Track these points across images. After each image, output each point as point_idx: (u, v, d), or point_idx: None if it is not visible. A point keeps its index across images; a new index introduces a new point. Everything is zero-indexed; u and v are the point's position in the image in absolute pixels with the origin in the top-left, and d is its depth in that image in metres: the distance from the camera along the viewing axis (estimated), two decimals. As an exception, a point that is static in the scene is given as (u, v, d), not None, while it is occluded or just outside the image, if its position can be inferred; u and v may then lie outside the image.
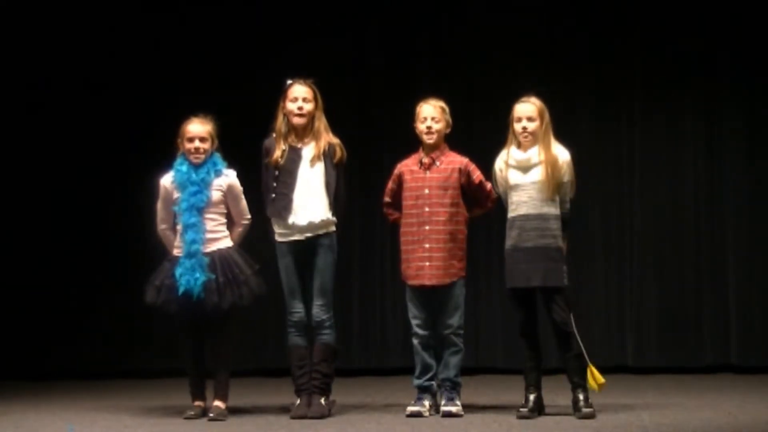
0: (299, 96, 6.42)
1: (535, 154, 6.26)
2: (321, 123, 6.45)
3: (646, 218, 8.76)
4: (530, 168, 6.26)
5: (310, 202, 6.36)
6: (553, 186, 6.24)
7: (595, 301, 8.72)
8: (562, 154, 6.31)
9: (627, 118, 8.85)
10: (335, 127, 6.52)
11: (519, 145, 6.31)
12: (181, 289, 6.28)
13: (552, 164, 6.23)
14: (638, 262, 8.75)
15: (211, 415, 6.34)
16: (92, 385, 8.44)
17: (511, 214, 6.30)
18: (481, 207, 6.54)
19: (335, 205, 6.43)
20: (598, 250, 8.75)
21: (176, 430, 6.15)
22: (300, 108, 6.41)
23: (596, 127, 8.83)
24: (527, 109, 6.28)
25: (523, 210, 6.24)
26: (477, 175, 6.45)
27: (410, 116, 6.54)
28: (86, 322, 8.80)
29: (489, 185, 6.45)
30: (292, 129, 6.45)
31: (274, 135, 6.46)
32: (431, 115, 6.44)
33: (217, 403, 6.41)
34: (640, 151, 8.79)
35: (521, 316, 6.31)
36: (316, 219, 6.36)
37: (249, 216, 6.52)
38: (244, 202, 6.51)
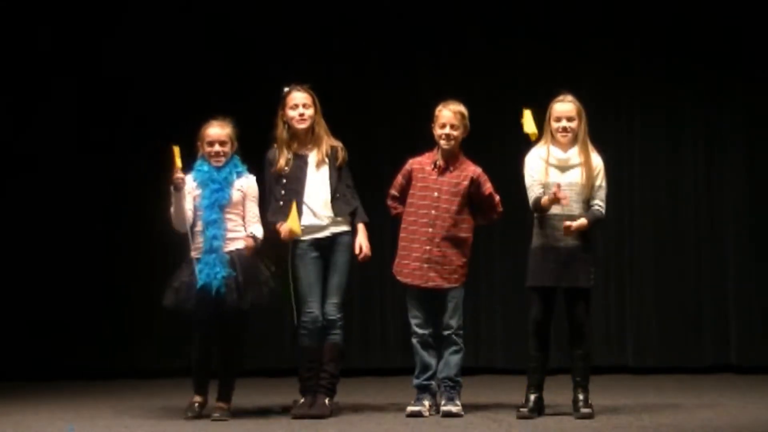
0: (299, 102, 6.42)
1: (574, 154, 6.21)
2: (321, 127, 6.46)
3: (646, 218, 8.76)
4: (569, 168, 6.21)
5: (318, 206, 6.38)
6: (589, 188, 6.20)
7: (595, 301, 8.69)
8: (596, 158, 6.27)
9: (627, 119, 8.85)
10: (335, 127, 6.52)
11: (554, 143, 6.26)
12: (200, 283, 6.24)
13: (590, 166, 6.19)
14: (638, 262, 8.75)
15: (216, 415, 6.34)
16: (92, 385, 8.43)
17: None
18: (486, 219, 6.52)
19: (343, 204, 6.41)
20: (598, 250, 8.71)
21: (176, 430, 6.15)
22: (301, 114, 6.40)
23: (596, 127, 8.77)
24: (567, 109, 6.25)
25: (557, 209, 6.19)
26: (488, 186, 6.43)
27: (410, 116, 6.54)
28: (87, 322, 8.78)
29: (497, 198, 6.43)
30: (294, 136, 6.45)
31: (275, 144, 6.46)
32: (450, 121, 6.39)
33: (220, 403, 6.41)
34: (640, 151, 8.80)
35: (538, 315, 6.25)
36: (327, 220, 6.37)
37: (258, 218, 6.45)
38: (257, 209, 6.48)
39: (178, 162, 6.33)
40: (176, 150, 6.33)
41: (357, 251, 6.41)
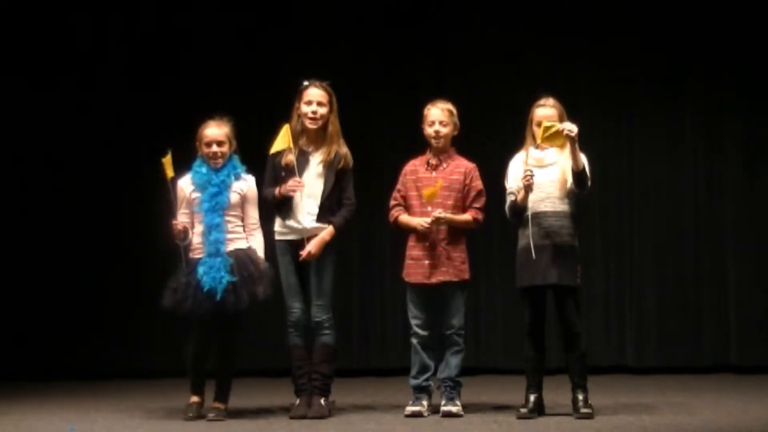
0: (314, 99, 6.38)
1: (551, 152, 6.22)
2: (334, 128, 6.41)
3: (646, 218, 8.77)
4: (547, 166, 6.22)
5: (310, 206, 6.36)
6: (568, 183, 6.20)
7: (595, 301, 8.72)
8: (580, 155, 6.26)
9: (627, 119, 8.86)
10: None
11: (536, 146, 6.27)
12: (206, 288, 6.23)
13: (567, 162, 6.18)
14: (638, 262, 8.75)
15: (211, 415, 6.34)
16: (92, 385, 8.43)
17: (526, 213, 6.24)
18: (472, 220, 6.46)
19: (335, 209, 6.39)
20: (598, 249, 8.74)
21: (176, 430, 6.15)
22: (314, 112, 6.36)
23: (596, 127, 8.80)
24: (548, 114, 6.21)
25: (540, 208, 6.19)
26: (477, 183, 6.44)
27: (411, 116, 6.54)
28: (86, 322, 8.79)
29: (483, 201, 6.42)
30: (304, 131, 6.43)
31: None
32: (439, 118, 6.42)
33: (217, 404, 6.41)
34: (640, 151, 8.80)
35: (532, 316, 6.26)
36: (315, 222, 6.36)
37: (258, 224, 6.47)
38: (257, 210, 6.48)
39: (170, 172, 6.33)
40: (167, 161, 6.33)
41: (303, 253, 6.32)
